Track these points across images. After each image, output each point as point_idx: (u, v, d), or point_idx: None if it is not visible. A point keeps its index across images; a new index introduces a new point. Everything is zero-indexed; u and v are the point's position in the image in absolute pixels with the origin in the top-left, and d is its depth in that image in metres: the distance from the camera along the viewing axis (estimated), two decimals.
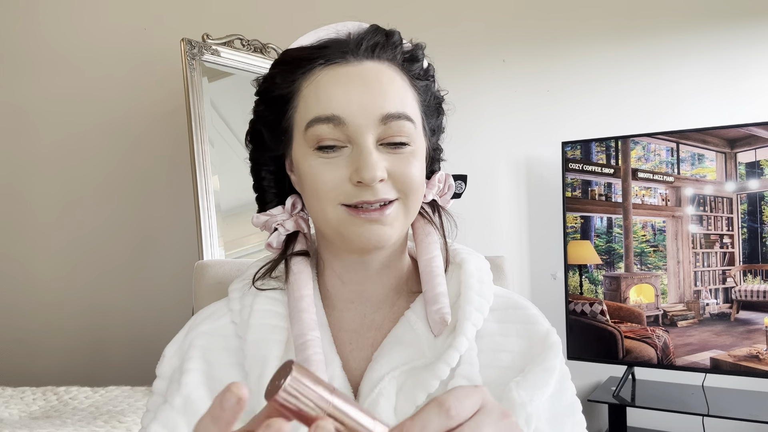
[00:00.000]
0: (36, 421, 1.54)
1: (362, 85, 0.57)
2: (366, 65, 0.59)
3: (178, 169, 2.26)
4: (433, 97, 0.65)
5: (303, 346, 0.58)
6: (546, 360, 0.60)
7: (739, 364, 1.84)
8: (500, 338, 0.63)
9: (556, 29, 2.21)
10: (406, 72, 0.61)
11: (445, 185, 0.69)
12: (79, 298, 2.36)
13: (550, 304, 2.17)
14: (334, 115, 0.56)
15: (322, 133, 0.57)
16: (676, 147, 1.93)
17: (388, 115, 0.57)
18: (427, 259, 0.64)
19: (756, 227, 1.84)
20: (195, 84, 1.94)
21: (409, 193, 0.59)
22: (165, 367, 0.63)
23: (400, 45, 0.62)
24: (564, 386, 0.63)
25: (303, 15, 2.28)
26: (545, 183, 2.21)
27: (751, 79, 2.05)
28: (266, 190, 0.67)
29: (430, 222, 0.68)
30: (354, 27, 0.62)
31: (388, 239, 0.58)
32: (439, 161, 0.70)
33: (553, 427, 0.60)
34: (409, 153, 0.59)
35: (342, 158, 0.57)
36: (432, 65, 0.66)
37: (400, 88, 0.59)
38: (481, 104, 2.26)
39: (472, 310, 0.61)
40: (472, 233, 2.23)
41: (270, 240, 0.67)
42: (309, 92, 0.58)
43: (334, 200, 0.58)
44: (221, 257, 1.92)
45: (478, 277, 0.65)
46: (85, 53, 2.36)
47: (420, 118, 0.62)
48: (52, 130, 2.38)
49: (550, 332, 0.63)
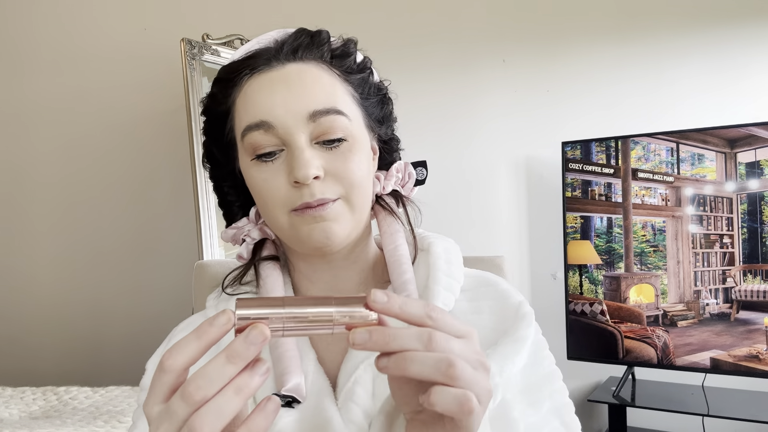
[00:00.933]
0: (36, 421, 1.54)
1: (285, 87, 0.57)
2: (288, 68, 0.59)
3: (178, 169, 2.26)
4: (374, 88, 0.64)
5: (276, 344, 0.60)
6: (518, 330, 0.61)
7: (739, 364, 1.84)
8: (472, 316, 0.63)
9: (556, 29, 2.21)
10: (336, 67, 0.61)
11: (405, 174, 0.69)
12: (79, 298, 2.36)
13: (550, 304, 2.18)
14: (262, 121, 0.57)
15: (256, 141, 0.57)
16: (676, 147, 1.93)
17: (315, 112, 0.57)
18: (392, 249, 0.65)
19: (756, 227, 1.84)
20: (195, 84, 1.94)
21: (350, 190, 0.58)
22: (147, 380, 0.65)
23: (327, 43, 0.62)
24: (540, 356, 0.63)
25: (303, 14, 2.28)
26: (545, 183, 2.21)
27: (751, 79, 2.05)
28: (231, 204, 0.68)
29: (392, 213, 0.68)
30: (279, 34, 0.62)
31: (336, 235, 0.58)
32: (396, 151, 0.70)
33: (527, 397, 0.60)
34: (346, 148, 0.58)
35: (279, 162, 0.58)
36: (368, 58, 0.65)
37: (327, 84, 0.59)
38: (481, 104, 2.26)
39: (440, 290, 0.62)
40: (472, 233, 2.23)
41: (240, 251, 0.68)
42: (240, 103, 0.59)
43: (282, 208, 0.58)
44: (221, 257, 1.92)
45: (445, 259, 0.66)
46: (85, 53, 2.36)
47: (358, 112, 0.62)
48: (52, 130, 2.38)
49: (522, 304, 0.64)
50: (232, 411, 0.38)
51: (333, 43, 0.62)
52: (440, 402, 0.40)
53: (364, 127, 0.62)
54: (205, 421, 0.37)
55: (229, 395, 0.38)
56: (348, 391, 0.58)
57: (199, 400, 0.37)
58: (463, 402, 0.40)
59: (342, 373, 0.60)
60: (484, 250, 2.15)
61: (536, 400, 0.60)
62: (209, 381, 0.37)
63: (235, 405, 0.38)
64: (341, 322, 0.41)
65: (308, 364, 0.61)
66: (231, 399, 0.38)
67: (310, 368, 0.61)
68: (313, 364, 0.61)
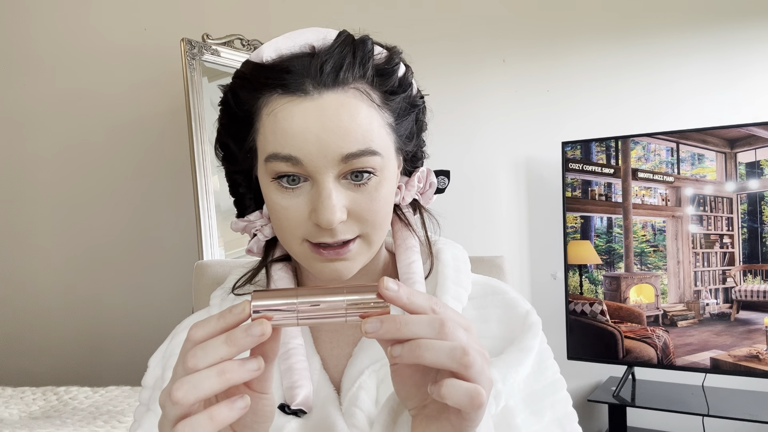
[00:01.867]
0: (36, 421, 1.54)
1: (320, 124, 0.52)
2: (326, 98, 0.53)
3: (178, 169, 2.26)
4: (410, 105, 0.60)
5: (286, 354, 0.60)
6: (523, 340, 0.60)
7: (739, 364, 1.84)
8: (480, 325, 0.63)
9: (556, 29, 2.21)
10: (377, 89, 0.56)
11: (426, 182, 0.66)
12: (79, 298, 2.36)
13: (550, 304, 2.18)
14: (291, 155, 0.53)
15: (281, 169, 0.54)
16: (676, 147, 1.93)
17: (349, 155, 0.53)
18: (406, 265, 0.64)
19: (756, 227, 1.84)
20: (195, 84, 1.94)
21: (371, 230, 0.56)
22: (149, 378, 0.65)
23: (371, 59, 0.56)
24: (543, 365, 0.62)
25: (303, 14, 2.28)
26: (545, 183, 2.21)
27: (751, 79, 2.05)
28: (243, 195, 0.65)
29: (408, 225, 0.66)
30: (318, 39, 0.55)
31: (349, 273, 0.57)
32: (420, 159, 0.66)
33: (530, 406, 0.60)
34: (374, 185, 0.55)
35: (302, 192, 0.55)
36: (410, 70, 0.61)
37: (364, 120, 0.54)
38: (481, 104, 2.26)
39: (448, 299, 0.62)
40: (473, 233, 2.23)
41: (250, 246, 0.67)
42: (267, 122, 0.55)
43: (298, 237, 0.56)
44: (221, 257, 1.92)
45: (454, 266, 0.65)
46: (85, 53, 2.36)
47: (390, 140, 0.57)
48: (52, 130, 2.38)
49: (530, 313, 0.63)
50: (207, 389, 0.40)
51: (377, 57, 0.57)
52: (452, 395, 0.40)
53: (394, 154, 0.59)
54: (182, 388, 0.40)
55: (210, 374, 0.40)
56: (352, 396, 0.58)
57: (190, 367, 0.40)
58: (474, 396, 0.40)
59: (346, 378, 0.60)
60: (484, 250, 2.15)
61: (539, 409, 0.60)
62: (203, 353, 0.41)
63: (211, 384, 0.40)
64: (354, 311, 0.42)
65: (313, 371, 0.61)
66: (210, 377, 0.40)
67: (315, 375, 0.60)
68: (318, 371, 0.61)
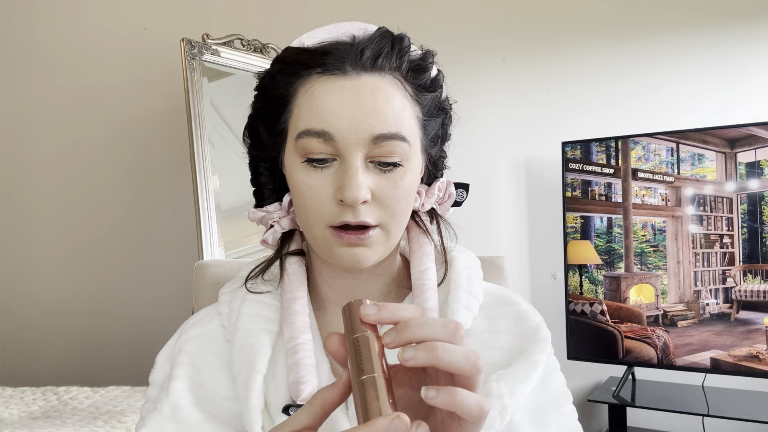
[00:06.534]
0: (36, 421, 1.54)
1: (356, 101, 0.55)
2: (363, 79, 0.56)
3: (178, 169, 2.26)
4: (439, 107, 0.62)
5: (294, 349, 0.59)
6: (532, 354, 0.60)
7: (739, 364, 1.84)
8: (490, 335, 0.63)
9: (556, 29, 2.21)
10: (410, 83, 0.59)
11: (445, 193, 0.67)
12: (79, 298, 2.36)
13: (550, 304, 2.17)
14: (324, 131, 0.55)
15: (311, 147, 0.56)
16: (676, 147, 1.93)
17: (380, 135, 0.55)
18: (419, 272, 0.64)
19: (756, 227, 1.84)
20: (195, 84, 1.94)
21: (391, 219, 0.58)
22: (156, 375, 0.64)
23: (408, 53, 0.59)
24: (549, 379, 0.62)
25: (303, 14, 2.28)
26: (545, 183, 2.21)
27: (751, 79, 2.05)
28: (264, 185, 0.65)
29: (425, 232, 0.67)
30: (359, 30, 0.59)
31: (367, 261, 0.58)
32: (441, 169, 0.68)
33: (534, 420, 0.60)
34: (399, 174, 0.57)
35: (330, 172, 0.56)
36: (442, 73, 0.63)
37: (397, 105, 0.57)
38: (481, 104, 2.26)
39: (460, 309, 0.62)
40: (472, 233, 2.23)
41: (266, 237, 0.66)
42: (303, 101, 0.57)
43: (320, 221, 0.57)
44: (221, 257, 1.92)
45: (466, 275, 0.65)
46: (85, 53, 2.36)
47: (418, 135, 0.60)
48: (52, 130, 2.38)
49: (540, 327, 0.63)
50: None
51: (413, 53, 0.60)
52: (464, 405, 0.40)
53: (420, 150, 0.60)
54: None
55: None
56: None
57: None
58: (483, 407, 0.40)
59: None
60: (484, 250, 2.15)
61: (543, 423, 0.60)
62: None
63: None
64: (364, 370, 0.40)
65: (322, 371, 0.60)
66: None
67: (324, 378, 0.60)
68: (326, 375, 0.60)
